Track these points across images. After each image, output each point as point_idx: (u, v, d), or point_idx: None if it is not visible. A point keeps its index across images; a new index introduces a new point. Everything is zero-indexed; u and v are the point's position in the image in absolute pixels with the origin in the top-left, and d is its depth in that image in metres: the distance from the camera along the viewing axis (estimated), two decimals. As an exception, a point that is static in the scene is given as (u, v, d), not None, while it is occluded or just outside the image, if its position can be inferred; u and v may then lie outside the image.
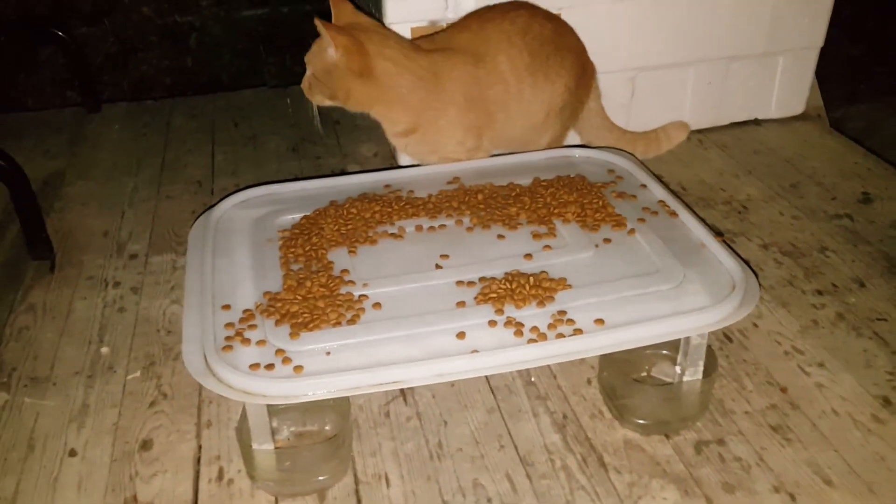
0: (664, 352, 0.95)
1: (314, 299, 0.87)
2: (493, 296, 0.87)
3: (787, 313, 1.08)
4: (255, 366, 0.79)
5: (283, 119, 1.67)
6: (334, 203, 1.05)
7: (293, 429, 0.90)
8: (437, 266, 0.93)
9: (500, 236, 0.98)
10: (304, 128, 1.61)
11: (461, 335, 0.82)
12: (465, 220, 1.02)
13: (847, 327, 1.05)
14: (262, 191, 1.10)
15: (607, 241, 0.96)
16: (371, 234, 0.99)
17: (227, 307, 0.88)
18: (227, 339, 0.83)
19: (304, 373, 0.78)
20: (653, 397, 0.92)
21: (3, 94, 1.75)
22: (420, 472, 0.86)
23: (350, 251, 0.96)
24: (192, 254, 0.97)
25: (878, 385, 0.96)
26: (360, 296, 0.88)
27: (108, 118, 1.70)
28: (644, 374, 0.96)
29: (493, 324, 0.84)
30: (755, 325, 1.06)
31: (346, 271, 0.92)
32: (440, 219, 1.02)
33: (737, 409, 0.93)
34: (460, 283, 0.90)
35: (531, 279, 0.89)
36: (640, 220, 0.99)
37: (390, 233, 1.00)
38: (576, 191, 1.05)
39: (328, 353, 0.81)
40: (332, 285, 0.89)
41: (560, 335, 0.82)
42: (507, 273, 0.91)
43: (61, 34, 1.67)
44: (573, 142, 1.36)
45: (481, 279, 0.90)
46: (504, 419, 0.93)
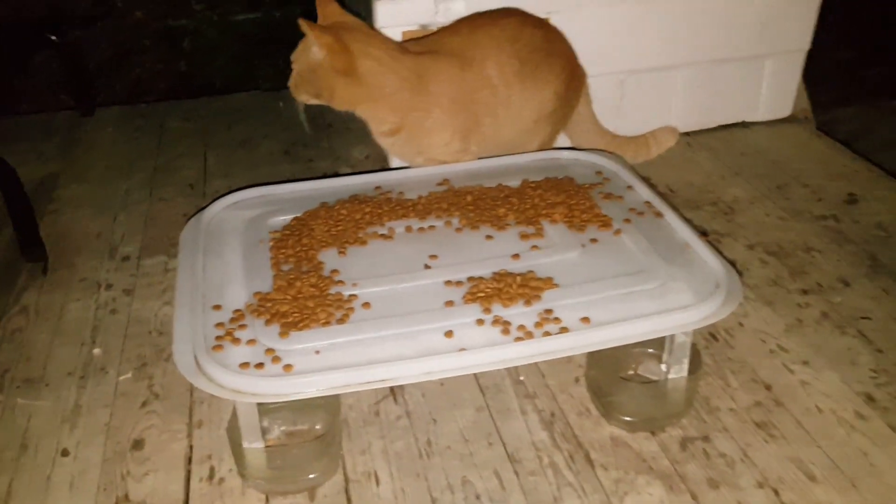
0: (650, 350, 0.96)
1: (304, 299, 0.88)
2: (481, 295, 0.88)
3: (772, 312, 1.09)
4: (245, 365, 0.80)
5: (276, 122, 1.68)
6: (325, 205, 1.06)
7: (283, 428, 0.90)
8: (427, 266, 0.94)
9: (489, 237, 0.99)
10: (296, 131, 1.62)
11: (449, 334, 0.83)
12: (455, 221, 1.03)
13: (831, 326, 1.06)
14: (254, 193, 1.11)
15: (594, 241, 0.97)
16: (361, 235, 1.00)
17: (217, 307, 0.88)
18: (218, 338, 0.83)
19: (294, 371, 0.79)
20: (639, 395, 0.93)
21: (-3, 97, 1.76)
22: (409, 470, 0.87)
23: (340, 252, 0.97)
24: (183, 255, 0.98)
25: (862, 382, 0.97)
26: (350, 295, 0.89)
27: (102, 121, 1.71)
28: (631, 372, 0.97)
29: (480, 322, 0.85)
30: (740, 324, 1.07)
31: (336, 271, 0.93)
32: (429, 220, 1.03)
33: (722, 407, 0.94)
34: (449, 282, 0.91)
35: (518, 279, 0.90)
36: (626, 221, 1.00)
37: (380, 233, 1.01)
38: (563, 192, 1.06)
39: (318, 352, 0.81)
40: (322, 285, 0.90)
41: (546, 333, 0.83)
42: (495, 273, 0.92)
43: (55, 38, 1.67)
44: (563, 145, 1.37)
45: (469, 279, 0.91)
46: (493, 417, 0.94)
